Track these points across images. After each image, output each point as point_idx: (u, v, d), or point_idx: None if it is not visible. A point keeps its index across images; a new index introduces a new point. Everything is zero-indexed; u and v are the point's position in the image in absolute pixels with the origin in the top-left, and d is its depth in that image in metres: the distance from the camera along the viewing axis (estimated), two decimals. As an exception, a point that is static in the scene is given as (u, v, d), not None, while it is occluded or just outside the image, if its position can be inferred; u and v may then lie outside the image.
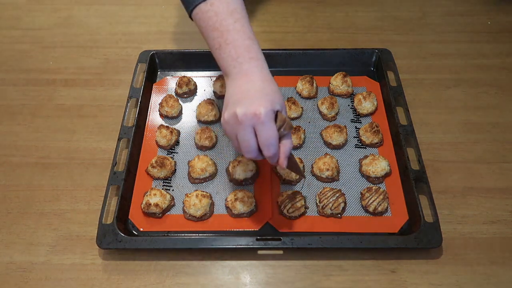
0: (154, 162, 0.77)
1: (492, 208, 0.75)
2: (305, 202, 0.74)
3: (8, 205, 0.76)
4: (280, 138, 0.60)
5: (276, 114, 0.60)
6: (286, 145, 0.60)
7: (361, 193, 0.76)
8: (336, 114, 0.88)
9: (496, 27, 1.09)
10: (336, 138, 0.82)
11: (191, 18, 0.71)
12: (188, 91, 0.92)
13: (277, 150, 0.60)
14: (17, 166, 0.82)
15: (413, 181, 0.74)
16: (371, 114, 0.88)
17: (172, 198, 0.75)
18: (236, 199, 0.72)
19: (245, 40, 0.66)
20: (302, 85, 0.90)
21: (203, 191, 0.75)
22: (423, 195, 0.74)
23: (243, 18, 0.67)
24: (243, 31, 0.66)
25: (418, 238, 0.67)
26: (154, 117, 0.88)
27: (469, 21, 1.10)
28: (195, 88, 0.93)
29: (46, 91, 0.95)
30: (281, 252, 0.70)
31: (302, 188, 0.77)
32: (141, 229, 0.72)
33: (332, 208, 0.72)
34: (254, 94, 0.61)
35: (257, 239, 0.68)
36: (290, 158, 0.63)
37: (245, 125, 0.58)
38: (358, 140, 0.84)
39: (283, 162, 0.60)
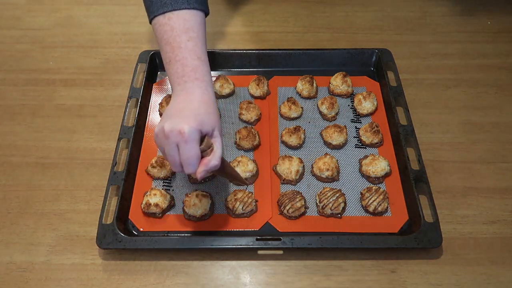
0: (154, 162, 0.77)
1: (492, 208, 0.75)
2: (305, 202, 0.74)
3: (8, 205, 0.76)
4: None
5: (204, 137, 0.61)
6: (207, 162, 0.60)
7: (361, 193, 0.76)
8: (336, 114, 0.88)
9: (496, 27, 1.09)
10: (336, 138, 0.82)
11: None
12: (188, 91, 0.92)
13: (196, 170, 0.60)
14: (17, 166, 0.82)
15: (413, 181, 0.74)
16: (371, 114, 0.88)
17: (172, 198, 0.75)
18: (236, 199, 0.72)
19: (194, 60, 0.66)
20: (302, 85, 0.90)
21: (203, 191, 0.75)
22: (423, 195, 0.74)
23: (197, 37, 0.68)
24: (194, 50, 0.67)
25: (418, 238, 0.67)
26: (154, 117, 0.88)
27: (469, 21, 1.10)
28: (195, 88, 0.93)
29: (46, 91, 0.95)
30: (281, 252, 0.70)
31: (302, 188, 0.77)
32: (141, 229, 0.72)
33: (332, 208, 0.72)
34: (186, 112, 0.61)
35: (257, 239, 0.68)
36: (224, 168, 0.64)
37: (170, 141, 0.59)
38: (358, 140, 0.84)
39: (197, 174, 0.60)
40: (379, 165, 0.77)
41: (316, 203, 0.75)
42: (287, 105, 0.87)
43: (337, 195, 0.73)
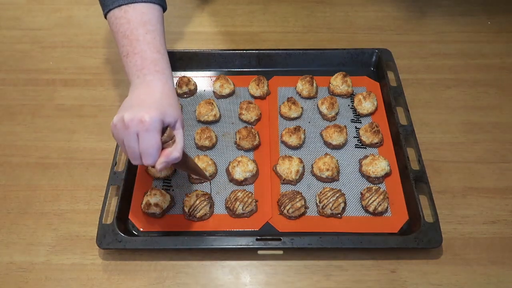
0: (154, 162, 0.77)
1: (492, 208, 0.75)
2: (305, 202, 0.74)
3: (8, 205, 0.76)
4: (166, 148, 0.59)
5: (166, 128, 0.59)
6: (168, 154, 0.58)
7: (361, 193, 0.76)
8: (336, 114, 0.88)
9: (496, 27, 1.09)
10: (336, 138, 0.82)
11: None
12: (188, 91, 0.92)
13: (156, 161, 0.58)
14: (17, 166, 0.82)
15: (413, 181, 0.74)
16: (371, 114, 0.88)
17: (172, 198, 0.75)
18: (236, 199, 0.72)
19: (153, 53, 0.65)
20: (302, 85, 0.90)
21: (203, 191, 0.75)
22: (423, 195, 0.74)
23: (155, 30, 0.67)
24: (153, 43, 0.66)
25: (418, 238, 0.67)
26: (154, 117, 0.88)
27: (469, 21, 1.10)
28: (195, 88, 0.93)
29: (46, 91, 0.95)
30: (281, 252, 0.70)
31: (302, 188, 0.77)
32: (141, 229, 0.72)
33: (332, 208, 0.72)
34: (148, 103, 0.60)
35: (257, 239, 0.68)
36: (185, 162, 0.63)
37: (131, 131, 0.57)
38: (358, 140, 0.84)
39: (157, 165, 0.58)
40: (379, 165, 0.77)
41: (316, 203, 0.75)
42: (287, 105, 0.87)
43: (337, 195, 0.73)
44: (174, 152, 0.58)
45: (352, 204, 0.75)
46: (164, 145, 0.59)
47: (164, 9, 0.73)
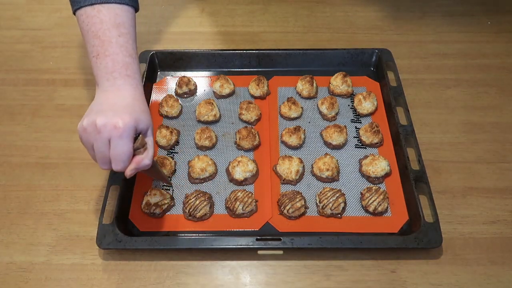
0: (154, 162, 0.77)
1: (492, 208, 0.75)
2: (305, 202, 0.74)
3: (8, 205, 0.76)
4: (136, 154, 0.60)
5: (138, 135, 0.60)
6: (139, 161, 0.59)
7: (361, 193, 0.76)
8: (336, 114, 0.88)
9: (496, 27, 1.09)
10: (336, 138, 0.82)
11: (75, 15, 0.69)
12: (188, 91, 0.92)
13: (126, 167, 0.58)
14: (17, 166, 0.82)
15: (413, 181, 0.74)
16: (371, 114, 0.88)
17: (172, 198, 0.75)
18: (236, 199, 0.72)
19: (125, 57, 0.65)
20: (302, 85, 0.90)
21: (203, 191, 0.75)
22: (423, 195, 0.74)
23: (128, 34, 0.66)
24: (125, 47, 0.65)
25: (418, 238, 0.67)
26: (154, 117, 0.88)
27: (469, 21, 1.10)
28: (195, 88, 0.93)
29: (46, 91, 0.95)
30: (281, 252, 0.70)
31: (302, 188, 0.77)
32: (141, 229, 0.72)
33: (332, 208, 0.72)
34: (120, 108, 0.60)
35: (257, 239, 0.68)
36: (152, 167, 0.64)
37: (103, 136, 0.57)
38: (358, 140, 0.84)
39: (127, 171, 0.59)
40: (379, 165, 0.77)
41: (316, 203, 0.75)
42: (287, 105, 0.87)
43: (337, 195, 0.73)
44: (145, 159, 0.59)
45: (352, 204, 0.75)
46: (135, 151, 0.59)
47: (136, 10, 0.72)
